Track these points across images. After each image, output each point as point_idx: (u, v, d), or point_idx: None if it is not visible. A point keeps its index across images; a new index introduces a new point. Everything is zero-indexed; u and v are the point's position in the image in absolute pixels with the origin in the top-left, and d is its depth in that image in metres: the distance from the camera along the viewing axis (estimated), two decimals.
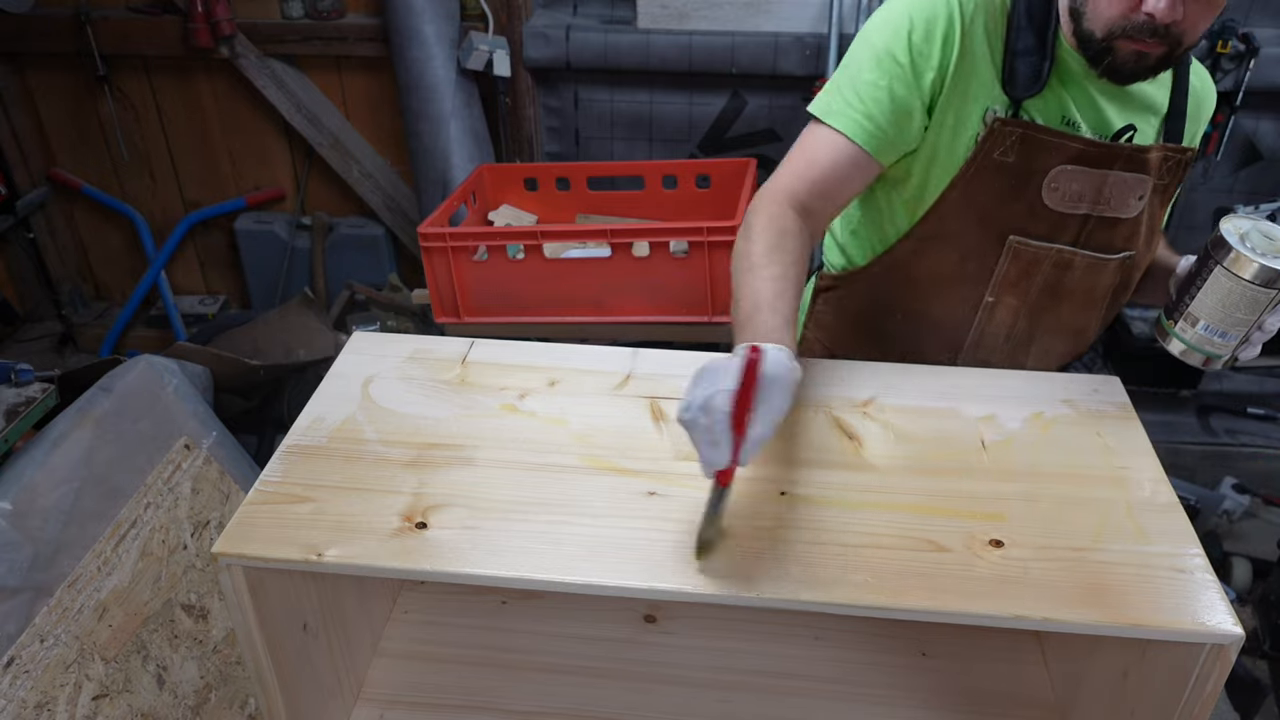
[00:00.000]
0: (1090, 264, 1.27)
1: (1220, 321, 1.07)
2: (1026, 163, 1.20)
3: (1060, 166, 1.20)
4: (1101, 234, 1.25)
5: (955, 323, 1.34)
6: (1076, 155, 1.20)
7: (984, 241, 1.26)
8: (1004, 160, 1.20)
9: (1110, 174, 1.21)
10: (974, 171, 1.21)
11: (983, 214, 1.24)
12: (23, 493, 1.75)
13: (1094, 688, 1.11)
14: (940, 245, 1.28)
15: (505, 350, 1.25)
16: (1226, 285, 1.05)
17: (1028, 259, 1.26)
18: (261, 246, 3.36)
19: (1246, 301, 1.05)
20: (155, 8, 3.04)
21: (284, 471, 1.02)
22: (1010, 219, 1.24)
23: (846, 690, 1.22)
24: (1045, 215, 1.23)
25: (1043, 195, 1.22)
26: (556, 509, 0.98)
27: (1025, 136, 1.18)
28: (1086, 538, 0.95)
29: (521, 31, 2.86)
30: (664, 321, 2.39)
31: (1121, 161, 1.21)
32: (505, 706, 1.20)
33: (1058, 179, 1.21)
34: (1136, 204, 1.24)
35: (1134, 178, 1.22)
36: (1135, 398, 1.19)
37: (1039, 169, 1.20)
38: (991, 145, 1.19)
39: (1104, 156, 1.20)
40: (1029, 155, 1.20)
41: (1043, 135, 1.19)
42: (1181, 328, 1.10)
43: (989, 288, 1.29)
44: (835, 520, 0.97)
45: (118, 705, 1.68)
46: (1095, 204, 1.23)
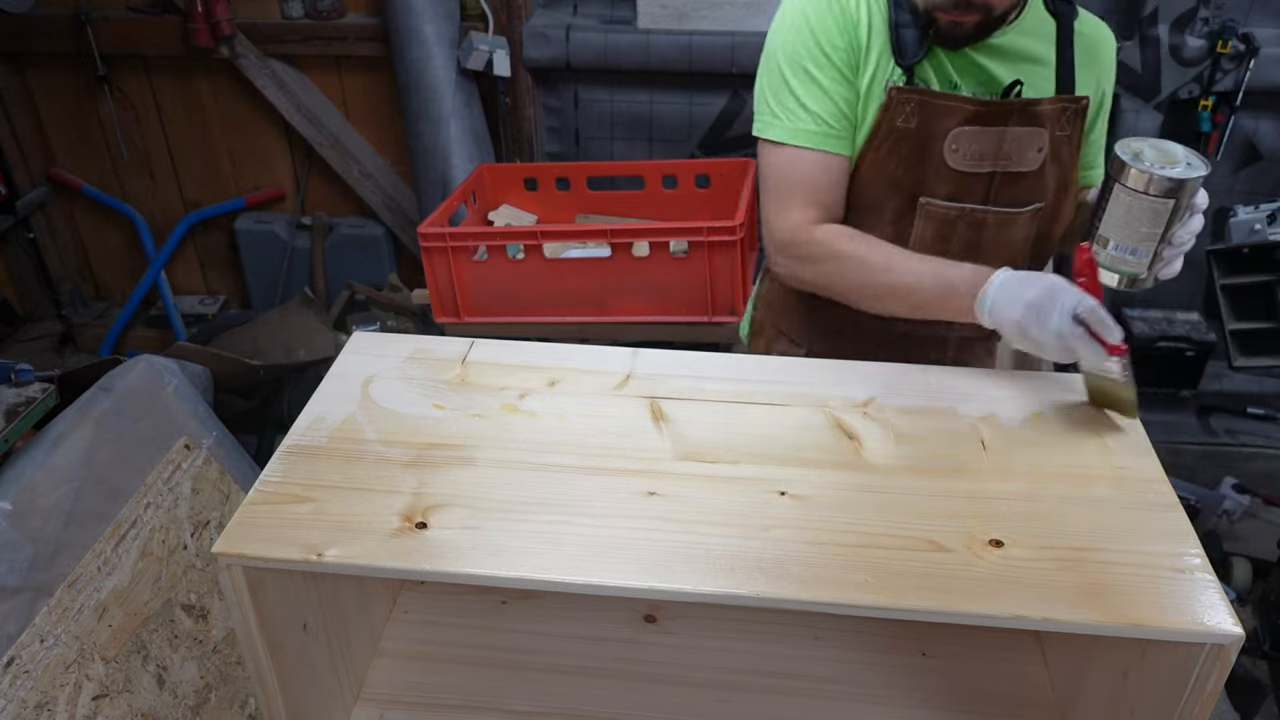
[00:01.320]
0: (1002, 219, 1.33)
1: (1128, 238, 1.11)
2: (926, 127, 1.27)
3: (958, 128, 1.26)
4: (1008, 189, 1.31)
5: None
6: (971, 116, 1.26)
7: (899, 207, 1.32)
8: (906, 127, 1.27)
9: (1007, 130, 1.27)
10: (880, 140, 1.28)
11: (893, 181, 1.30)
12: (23, 493, 1.75)
13: (1094, 688, 1.11)
14: (862, 215, 1.34)
15: (505, 350, 1.25)
16: (1127, 201, 1.09)
17: (940, 220, 1.31)
18: (261, 246, 3.37)
19: (1149, 215, 1.09)
20: (155, 8, 3.04)
21: (284, 471, 1.02)
22: (919, 183, 1.30)
23: (846, 690, 1.22)
24: (950, 176, 1.29)
25: (945, 157, 1.28)
26: (556, 509, 0.98)
27: (922, 102, 1.25)
28: (1086, 538, 0.95)
29: (521, 31, 2.86)
30: (664, 321, 2.40)
31: (1015, 117, 1.27)
32: (505, 706, 1.20)
33: (957, 140, 1.27)
34: (1036, 156, 1.30)
35: (1030, 131, 1.28)
36: None
37: (938, 132, 1.27)
38: (893, 114, 1.26)
39: (997, 113, 1.27)
40: (927, 120, 1.26)
41: (937, 99, 1.26)
42: (1096, 250, 1.14)
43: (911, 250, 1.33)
44: (835, 520, 0.97)
45: (118, 705, 1.68)
46: (997, 160, 1.29)
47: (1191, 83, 2.73)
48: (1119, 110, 2.80)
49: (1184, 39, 2.68)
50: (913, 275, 1.22)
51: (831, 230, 1.29)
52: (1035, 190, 1.33)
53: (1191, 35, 2.68)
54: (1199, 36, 2.67)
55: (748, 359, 1.25)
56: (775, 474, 1.03)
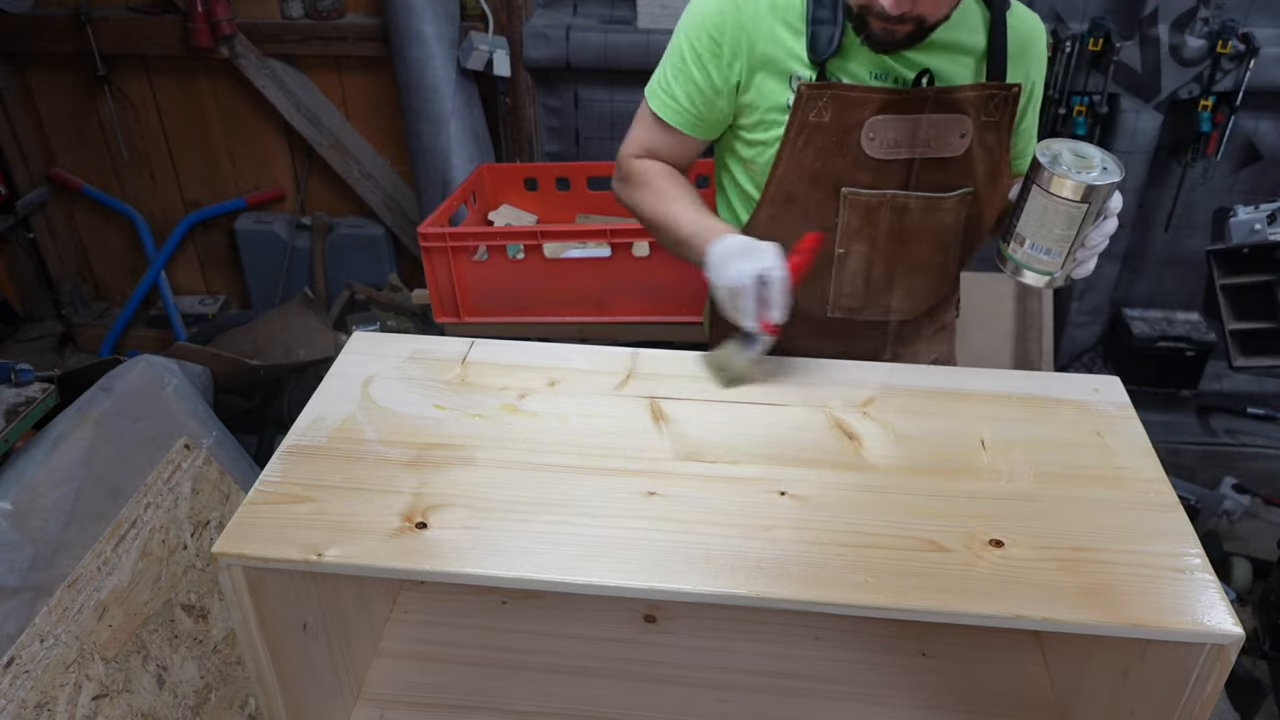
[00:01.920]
0: (927, 204, 1.35)
1: (1043, 239, 1.14)
2: (840, 119, 1.29)
3: (873, 117, 1.28)
4: (931, 174, 1.34)
5: (819, 275, 1.42)
6: (884, 105, 1.28)
7: (822, 198, 1.35)
8: (820, 120, 1.29)
9: (922, 118, 1.29)
10: (795, 135, 1.31)
11: (814, 173, 1.33)
12: (23, 493, 1.75)
13: (1094, 688, 1.11)
14: (788, 208, 1.37)
15: (505, 350, 1.25)
16: (1042, 203, 1.11)
17: (863, 207, 1.34)
18: (261, 246, 3.36)
19: (1063, 217, 1.11)
20: (155, 8, 3.04)
21: (284, 471, 1.02)
22: (839, 173, 1.33)
23: (846, 690, 1.22)
24: (869, 164, 1.32)
25: (863, 146, 1.30)
26: (556, 509, 0.98)
27: (834, 96, 1.28)
28: (1086, 538, 0.95)
29: (521, 31, 2.86)
30: (664, 321, 2.39)
31: (930, 104, 1.29)
32: (505, 706, 1.20)
33: (874, 128, 1.29)
34: (960, 142, 1.32)
35: (950, 118, 1.31)
36: (1135, 398, 1.19)
37: (854, 123, 1.29)
38: (806, 109, 1.29)
39: (911, 102, 1.29)
40: (841, 112, 1.28)
41: (849, 92, 1.28)
42: (1013, 249, 1.17)
43: (836, 240, 1.37)
44: (835, 520, 0.97)
45: (118, 705, 1.68)
46: (914, 147, 1.31)
47: (1191, 83, 2.73)
48: (1119, 110, 2.80)
49: (1184, 39, 2.68)
50: (672, 218, 1.34)
51: (649, 163, 1.42)
52: (961, 175, 1.35)
53: (1191, 35, 2.68)
54: (1199, 36, 2.67)
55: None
56: (775, 474, 1.03)
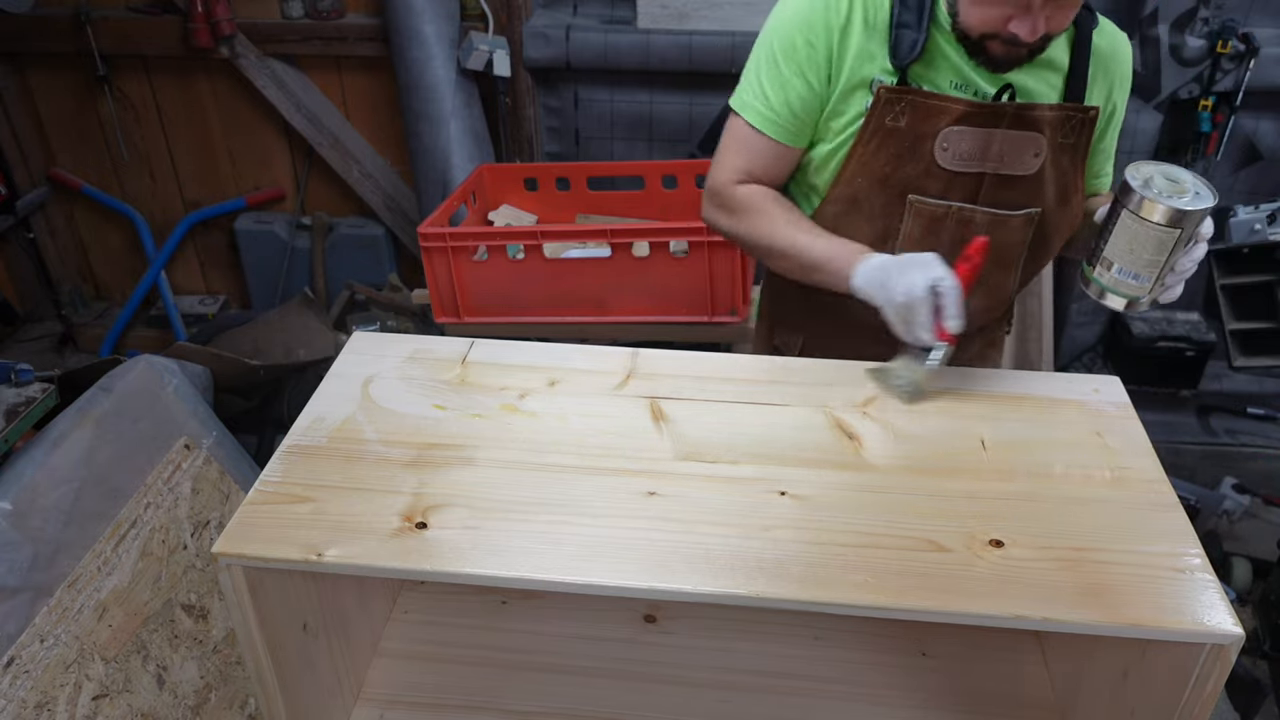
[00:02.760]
0: (992, 220, 1.33)
1: (1132, 264, 1.12)
2: (916, 126, 1.28)
3: (949, 127, 1.27)
4: (1000, 191, 1.32)
5: None
6: (961, 116, 1.27)
7: (888, 203, 1.34)
8: (895, 125, 1.28)
9: (997, 132, 1.28)
10: (869, 137, 1.30)
11: (882, 177, 1.32)
12: (23, 493, 1.75)
13: (1094, 688, 1.11)
14: (851, 210, 1.36)
15: (505, 350, 1.25)
16: (1133, 228, 1.09)
17: (929, 216, 1.33)
18: (261, 246, 3.36)
19: (1153, 243, 1.09)
20: (155, 8, 3.04)
21: (284, 471, 1.02)
22: (908, 180, 1.31)
23: (846, 690, 1.22)
24: (940, 174, 1.30)
25: (936, 155, 1.29)
26: (556, 509, 0.98)
27: (912, 102, 1.27)
28: (1086, 538, 0.95)
29: (521, 31, 2.86)
30: (664, 321, 2.39)
31: (1008, 120, 1.28)
32: (505, 706, 1.20)
33: (948, 139, 1.28)
34: (1033, 161, 1.31)
35: (1025, 135, 1.29)
36: (1135, 398, 1.19)
37: (929, 131, 1.28)
38: (882, 112, 1.28)
39: (989, 116, 1.27)
40: (918, 119, 1.27)
41: (928, 99, 1.27)
42: (1099, 272, 1.15)
43: (896, 247, 1.36)
44: (835, 520, 0.97)
45: (118, 705, 1.68)
46: (985, 161, 1.30)
47: (1191, 83, 2.73)
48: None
49: (1184, 39, 2.68)
50: (798, 243, 1.31)
51: (753, 188, 1.37)
52: (1031, 195, 1.33)
53: (1191, 35, 2.67)
54: (1199, 36, 2.67)
55: (748, 359, 1.25)
56: (775, 474, 1.03)
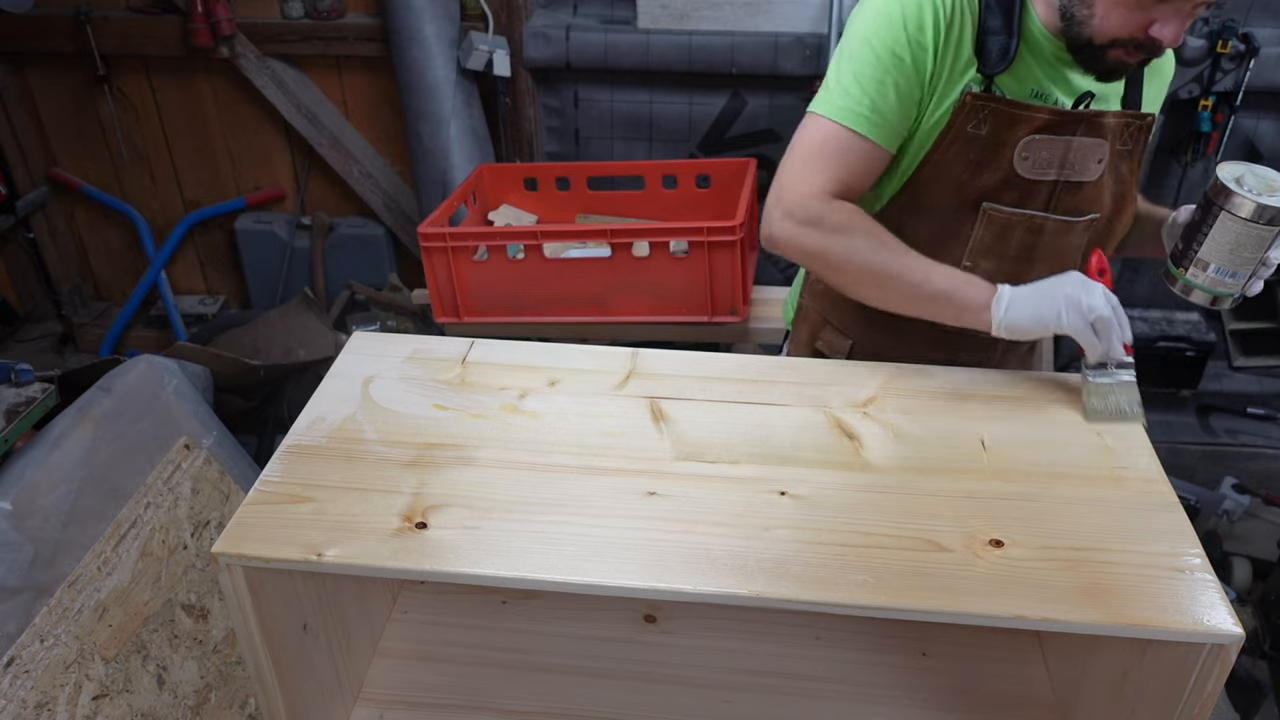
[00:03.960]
0: (1059, 227, 1.33)
1: (1230, 263, 1.15)
2: (997, 134, 1.26)
3: (1030, 136, 1.26)
4: (1068, 198, 1.32)
5: None
6: (1043, 125, 1.26)
7: (959, 210, 1.32)
8: (976, 133, 1.26)
9: (1074, 140, 1.28)
10: (949, 143, 1.28)
11: (957, 184, 1.30)
12: (23, 493, 1.75)
13: (1094, 688, 1.11)
14: (917, 214, 1.33)
15: (505, 350, 1.25)
16: (1233, 228, 1.12)
17: (1001, 224, 1.32)
18: (261, 246, 3.36)
19: (1253, 241, 1.12)
20: (155, 8, 3.04)
21: (284, 471, 1.02)
22: (984, 187, 1.30)
23: (846, 690, 1.22)
24: (1018, 183, 1.29)
25: (1014, 164, 1.28)
26: (556, 509, 0.98)
27: (996, 110, 1.25)
28: (1086, 538, 0.95)
29: (521, 31, 2.86)
30: (664, 321, 2.39)
31: (1083, 128, 1.28)
32: (505, 706, 1.20)
33: (1028, 148, 1.27)
34: (1096, 167, 1.31)
35: (1093, 142, 1.29)
36: None
37: (1010, 140, 1.27)
38: (965, 119, 1.26)
39: (1067, 123, 1.27)
40: (1000, 127, 1.26)
41: (1013, 108, 1.25)
42: (1193, 274, 1.18)
43: (965, 254, 1.34)
44: (835, 520, 0.97)
45: (118, 705, 1.68)
46: (1061, 169, 1.30)
47: (1191, 83, 2.73)
48: None
49: (1184, 39, 2.68)
50: (912, 271, 1.24)
51: (851, 207, 1.27)
52: (1093, 201, 1.33)
53: (1191, 35, 2.67)
54: (1199, 36, 2.67)
55: (748, 359, 1.25)
56: (775, 474, 1.03)
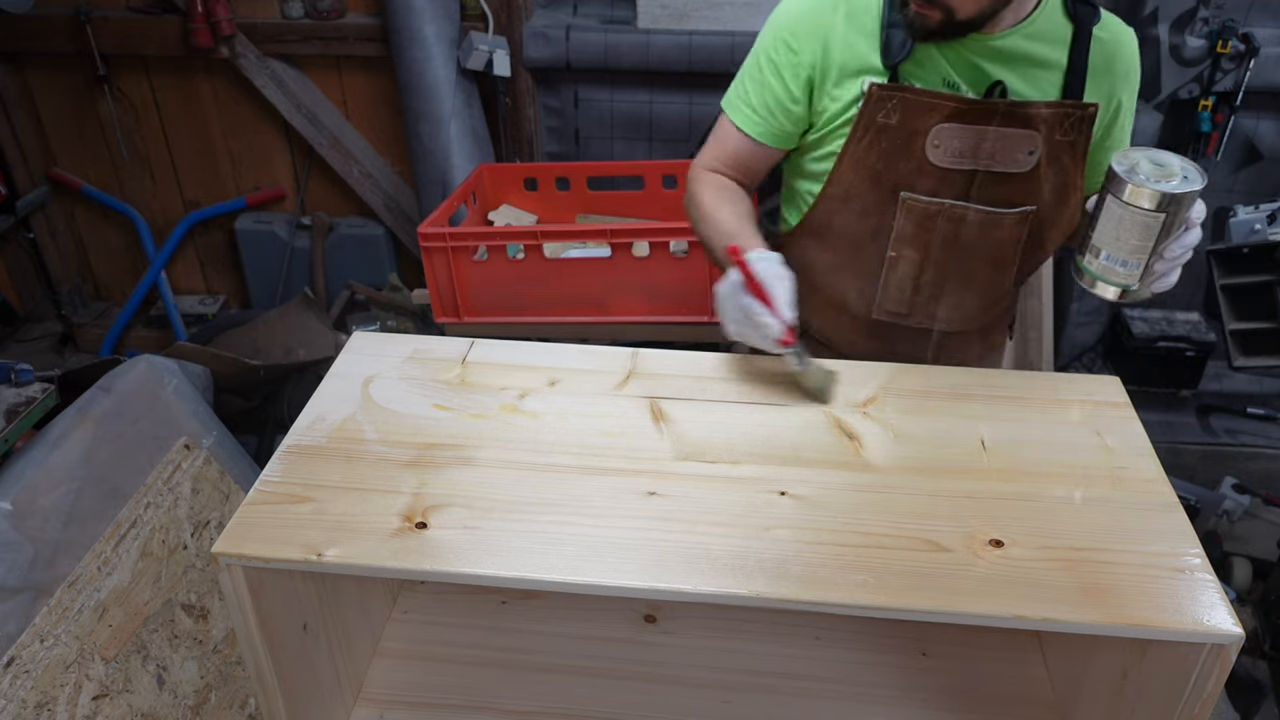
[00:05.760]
0: (985, 218, 1.34)
1: (1118, 250, 1.11)
2: (908, 123, 1.29)
3: (940, 125, 1.28)
4: (993, 189, 1.33)
5: (868, 276, 1.44)
6: (952, 113, 1.28)
7: (880, 200, 1.35)
8: (887, 122, 1.30)
9: (989, 129, 1.29)
10: (861, 135, 1.31)
11: (874, 174, 1.34)
12: (23, 493, 1.75)
13: (1094, 688, 1.11)
14: (844, 206, 1.38)
15: (505, 350, 1.25)
16: (1118, 213, 1.09)
17: (920, 214, 1.34)
18: (261, 246, 3.36)
19: (1138, 227, 1.08)
20: (155, 8, 3.04)
21: (284, 471, 1.02)
22: (900, 177, 1.33)
23: (846, 690, 1.22)
24: (932, 171, 1.31)
25: (927, 153, 1.30)
26: (556, 509, 0.98)
27: (904, 100, 1.28)
28: (1086, 538, 0.95)
29: (521, 31, 2.86)
30: (664, 321, 2.39)
31: (999, 117, 1.28)
32: (505, 706, 1.20)
33: (939, 136, 1.29)
34: (1027, 159, 1.31)
35: (1018, 133, 1.29)
36: (1135, 398, 1.19)
37: (920, 128, 1.29)
38: (874, 110, 1.29)
39: (980, 113, 1.28)
40: (909, 116, 1.29)
41: (918, 96, 1.28)
42: (1088, 260, 1.15)
43: (889, 243, 1.38)
44: (835, 520, 0.97)
45: (118, 705, 1.68)
46: (977, 159, 1.30)
47: (1191, 83, 2.73)
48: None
49: (1184, 39, 2.68)
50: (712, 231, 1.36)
51: (712, 176, 1.43)
52: (1026, 193, 1.33)
53: (1191, 35, 2.67)
54: (1199, 36, 2.67)
55: (748, 359, 1.25)
56: (775, 474, 1.03)
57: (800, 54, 1.31)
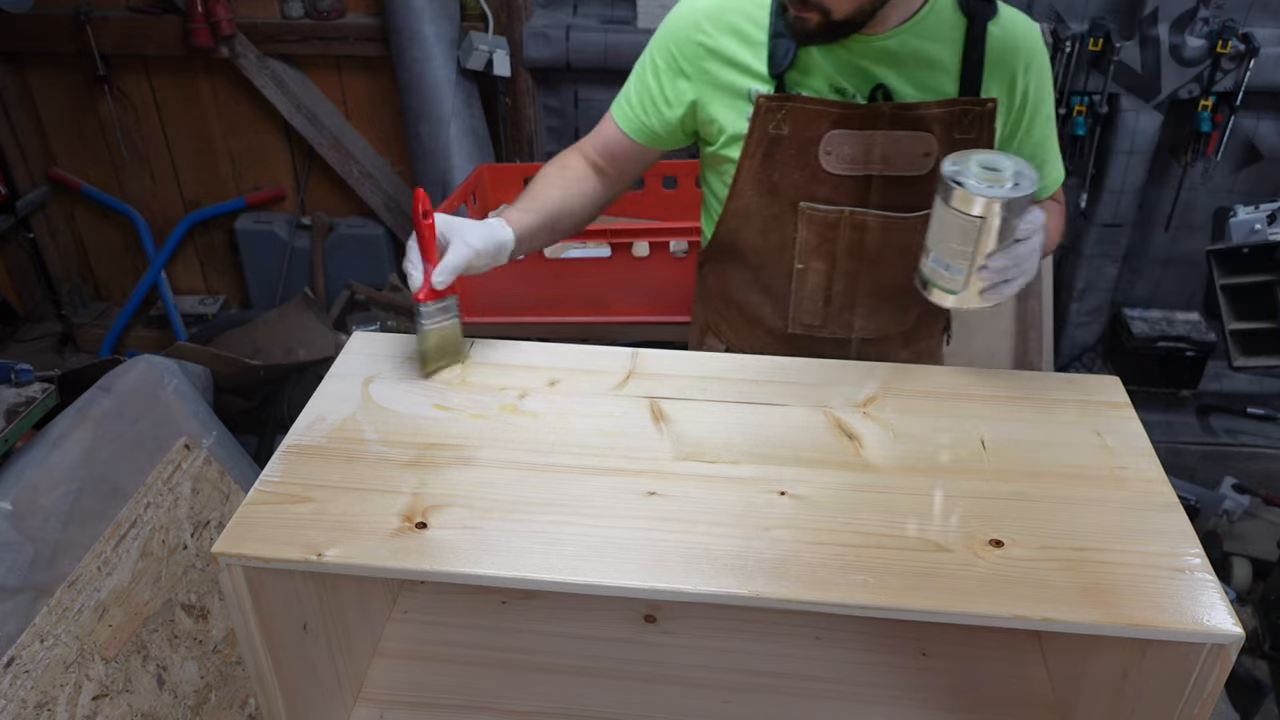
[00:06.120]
0: (887, 223, 1.32)
1: (942, 252, 1.10)
2: (799, 132, 1.27)
3: (830, 132, 1.26)
4: (891, 193, 1.31)
5: (779, 290, 1.42)
6: (839, 119, 1.26)
7: (780, 212, 1.34)
8: (779, 133, 1.28)
9: (879, 134, 1.26)
10: (754, 147, 1.30)
11: (772, 186, 1.32)
12: (23, 493, 1.75)
13: (1094, 688, 1.11)
14: (747, 221, 1.38)
15: (505, 350, 1.25)
16: (939, 213, 1.08)
17: (821, 223, 1.33)
18: (261, 246, 3.36)
19: (957, 231, 1.06)
20: (155, 8, 3.04)
21: (284, 471, 1.02)
22: (797, 187, 1.31)
23: (846, 690, 1.22)
24: (827, 179, 1.30)
25: (821, 161, 1.28)
26: (556, 509, 0.98)
27: (792, 109, 1.26)
28: (1086, 538, 0.95)
29: (521, 31, 2.86)
30: (664, 321, 2.39)
31: (887, 121, 1.26)
32: (505, 706, 1.20)
33: (830, 143, 1.27)
34: (923, 161, 1.29)
35: (910, 135, 1.27)
36: (1135, 398, 1.19)
37: (812, 136, 1.27)
38: (764, 120, 1.28)
39: (867, 118, 1.26)
40: (799, 125, 1.27)
41: (807, 104, 1.26)
42: (922, 262, 1.14)
43: (795, 256, 1.37)
44: (835, 520, 0.97)
45: (118, 705, 1.68)
46: (869, 164, 1.29)
47: (1191, 83, 2.73)
48: (1119, 110, 2.80)
49: (1184, 39, 2.68)
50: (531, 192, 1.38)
51: (569, 158, 1.45)
52: (926, 195, 1.26)
53: (1191, 35, 2.68)
54: (1199, 36, 2.67)
55: (747, 359, 1.25)
56: (775, 474, 1.03)
57: (681, 61, 1.31)
